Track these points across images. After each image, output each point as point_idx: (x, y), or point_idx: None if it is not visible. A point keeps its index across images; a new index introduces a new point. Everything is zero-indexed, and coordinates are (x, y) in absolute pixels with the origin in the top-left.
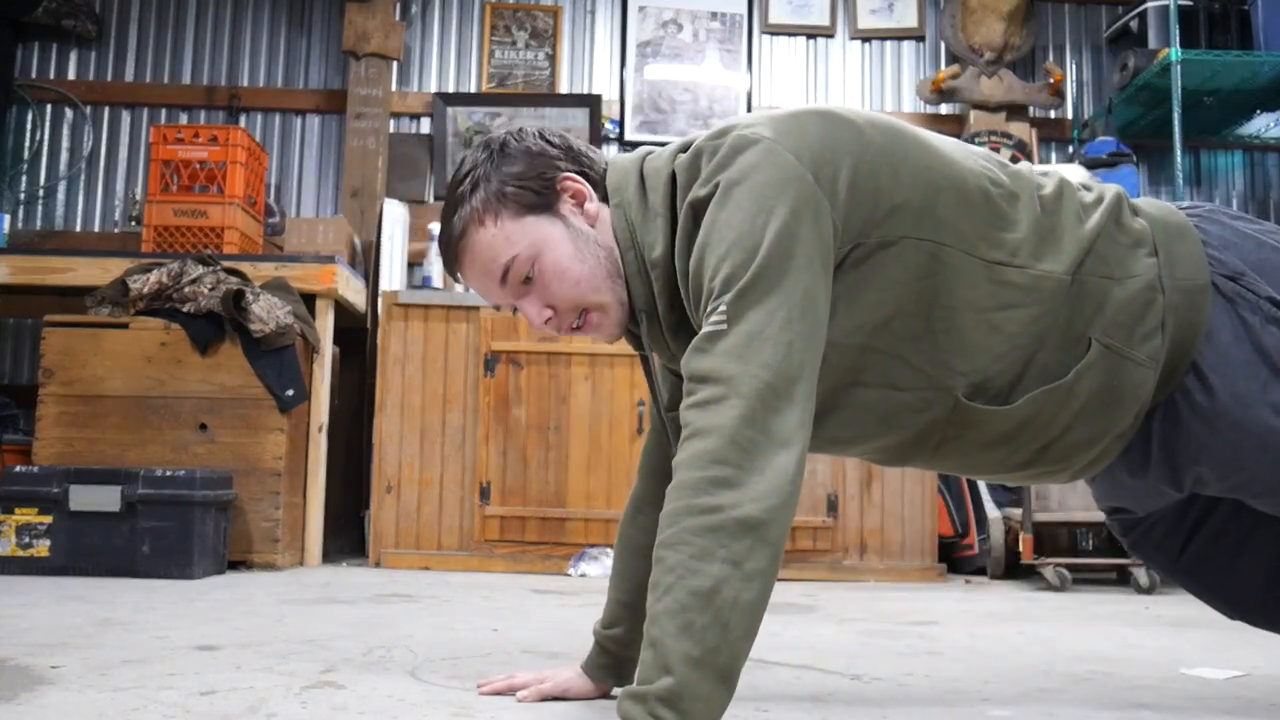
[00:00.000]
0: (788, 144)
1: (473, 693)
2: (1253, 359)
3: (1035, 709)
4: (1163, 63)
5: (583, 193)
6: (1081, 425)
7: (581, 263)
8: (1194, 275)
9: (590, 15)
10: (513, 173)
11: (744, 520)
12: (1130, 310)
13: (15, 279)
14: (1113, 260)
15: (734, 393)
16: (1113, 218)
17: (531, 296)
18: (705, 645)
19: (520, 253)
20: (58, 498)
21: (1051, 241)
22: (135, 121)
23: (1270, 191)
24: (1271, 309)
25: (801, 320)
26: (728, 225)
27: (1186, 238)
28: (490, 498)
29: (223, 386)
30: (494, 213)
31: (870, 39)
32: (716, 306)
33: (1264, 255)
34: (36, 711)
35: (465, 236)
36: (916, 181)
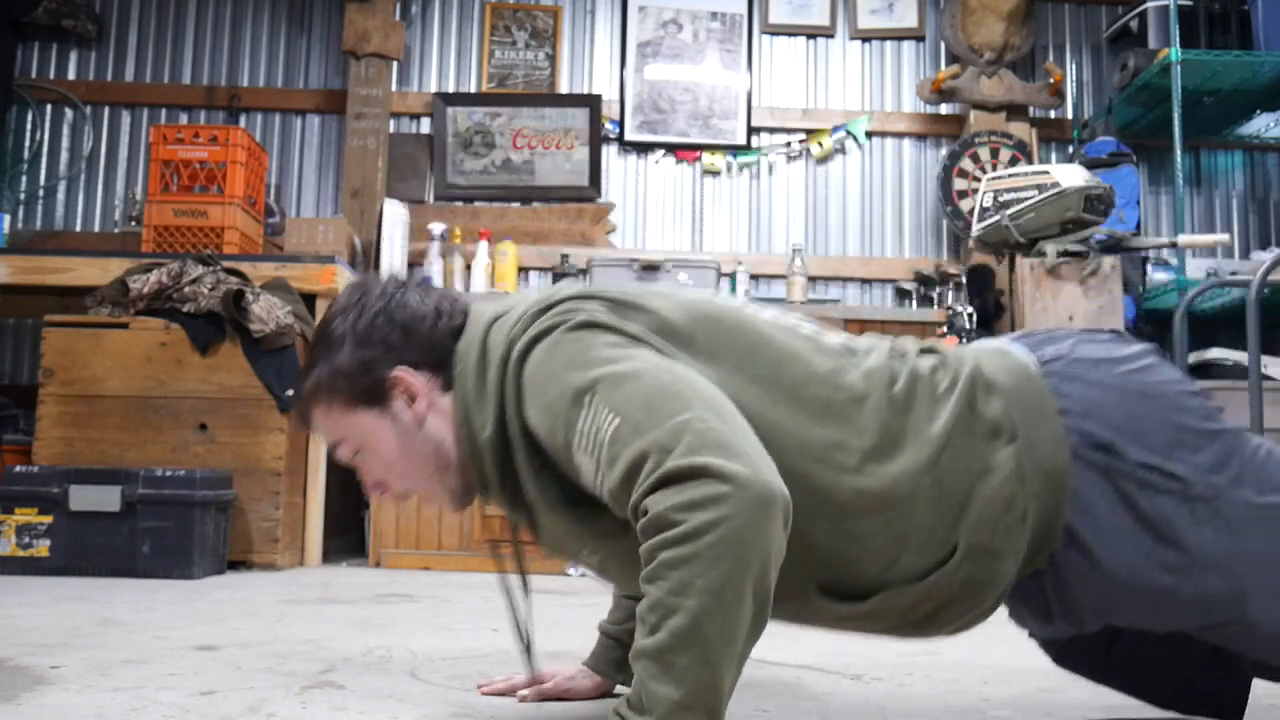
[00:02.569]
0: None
1: (473, 693)
2: (1134, 527)
3: (1035, 709)
4: (1163, 63)
5: (414, 391)
6: (941, 611)
7: (406, 459)
8: (1053, 457)
9: (590, 15)
10: (343, 367)
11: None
12: (994, 506)
13: (15, 279)
14: (971, 456)
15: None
16: (967, 408)
17: (364, 471)
18: (688, 686)
19: (346, 439)
20: (58, 498)
21: (903, 444)
22: (135, 121)
23: (1270, 191)
24: (1145, 474)
25: (680, 373)
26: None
27: (1045, 417)
28: None
29: (223, 386)
30: (326, 400)
31: (870, 39)
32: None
33: (1130, 408)
34: (36, 711)
35: (308, 408)
36: (746, 394)
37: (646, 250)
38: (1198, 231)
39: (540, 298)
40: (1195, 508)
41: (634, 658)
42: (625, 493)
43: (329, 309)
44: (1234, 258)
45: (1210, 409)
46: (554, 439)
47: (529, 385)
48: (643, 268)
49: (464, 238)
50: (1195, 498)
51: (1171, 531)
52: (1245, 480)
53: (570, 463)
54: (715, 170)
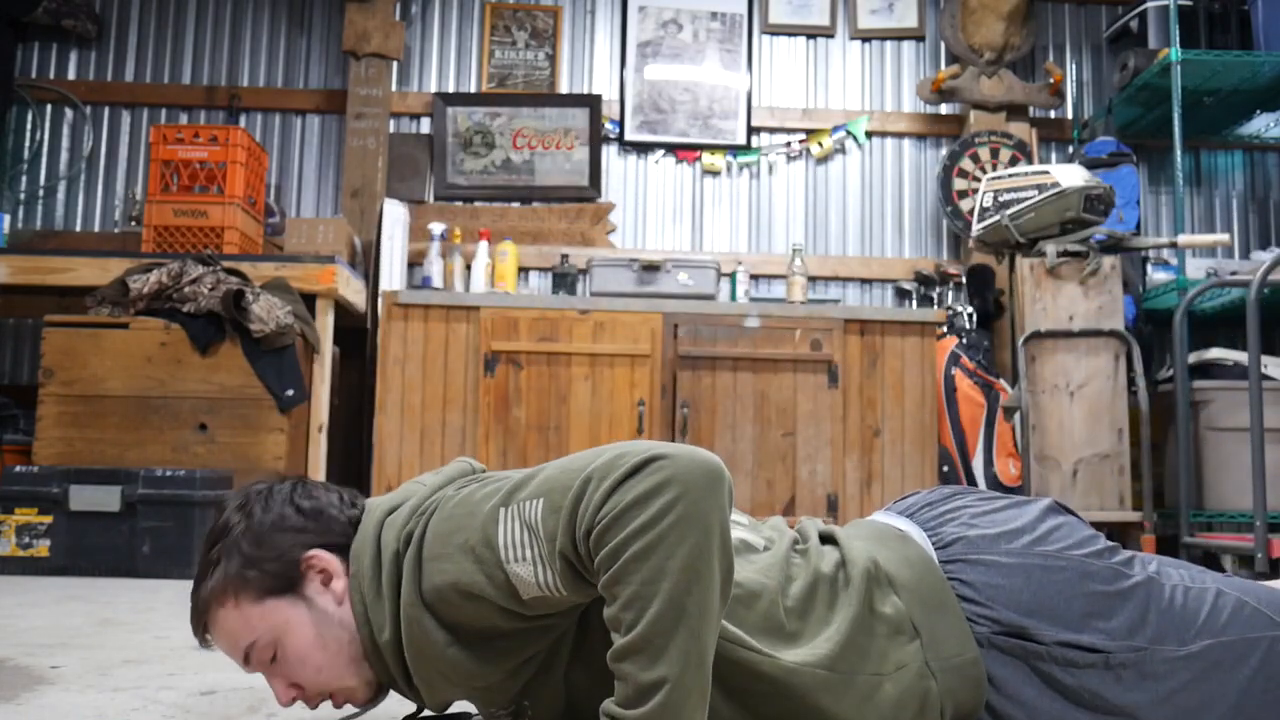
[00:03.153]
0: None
1: None
2: (1065, 706)
3: None
4: (1163, 63)
5: (329, 571)
6: None
7: (324, 649)
8: (960, 650)
9: (590, 15)
10: (252, 556)
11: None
12: (909, 707)
13: (15, 279)
14: (874, 654)
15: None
16: (866, 608)
17: (277, 676)
18: (680, 663)
19: (260, 638)
20: (58, 498)
21: (799, 640)
22: (135, 121)
23: (1270, 191)
24: (1063, 652)
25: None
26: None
27: (946, 610)
28: None
29: (223, 386)
30: (234, 594)
31: (870, 39)
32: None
33: (1036, 587)
34: (37, 711)
35: (209, 611)
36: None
37: (646, 250)
38: (1198, 231)
39: (427, 490)
40: (1121, 675)
41: (617, 659)
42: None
43: (218, 514)
44: (1234, 258)
45: (1117, 567)
46: (473, 579)
47: (428, 556)
48: (643, 268)
49: (464, 237)
50: (1119, 665)
51: (1101, 702)
52: (1166, 636)
53: (502, 589)
54: (715, 170)
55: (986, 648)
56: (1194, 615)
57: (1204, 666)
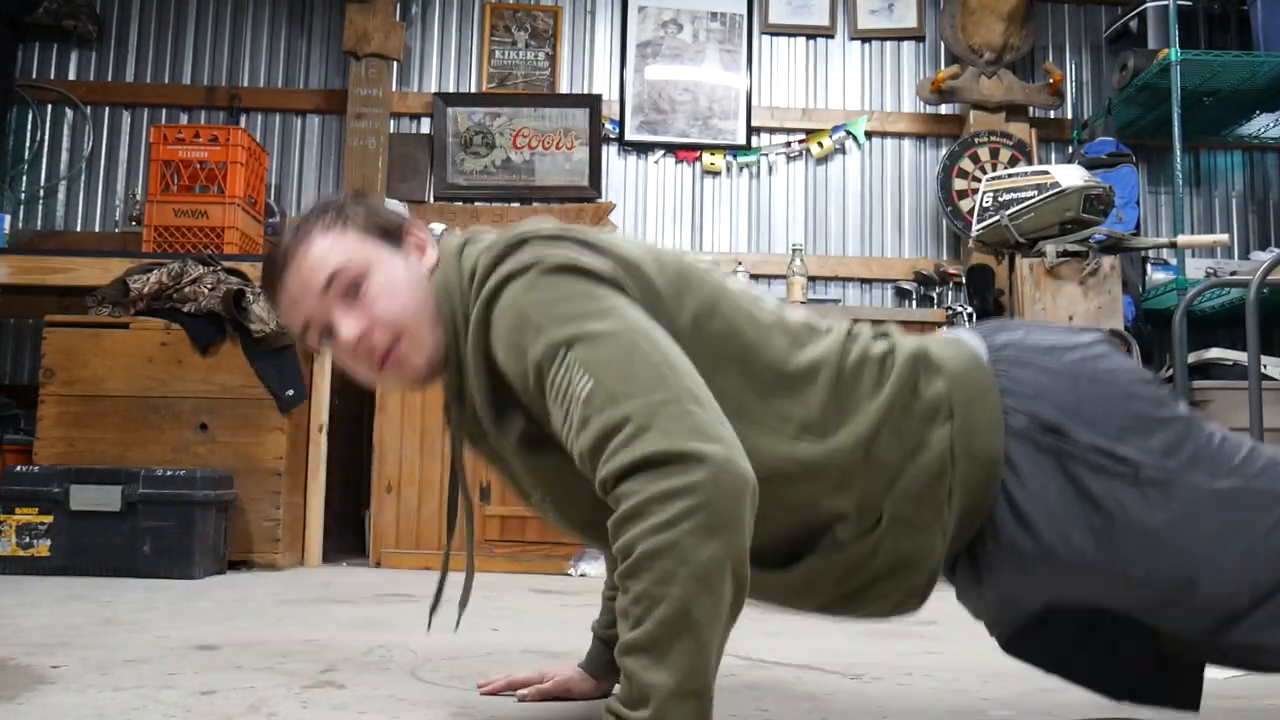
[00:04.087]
0: (584, 253)
1: (473, 693)
2: (1083, 510)
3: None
4: (1162, 63)
5: (424, 245)
6: (870, 587)
7: (411, 292)
8: (987, 445)
9: (590, 15)
10: (367, 206)
11: (698, 526)
12: (920, 483)
13: (15, 279)
14: (906, 434)
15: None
16: (908, 387)
17: (350, 311)
18: (682, 672)
19: (354, 262)
20: (58, 497)
21: (844, 417)
22: (135, 121)
23: (1270, 191)
24: (1096, 457)
25: (660, 340)
26: (532, 304)
27: (986, 401)
28: (490, 498)
29: (223, 386)
30: (339, 228)
31: (870, 39)
32: (566, 375)
33: (1080, 394)
34: (37, 711)
35: (301, 242)
36: (698, 351)
37: None
38: (1197, 231)
39: (511, 234)
40: (1146, 491)
41: (622, 653)
42: (594, 459)
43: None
44: (1233, 258)
45: (1163, 396)
46: (524, 382)
47: (499, 324)
48: None
49: None
50: (1146, 481)
51: (1123, 514)
52: (1199, 465)
53: (539, 406)
54: (715, 170)
55: (1021, 439)
56: (1229, 457)
57: (1228, 505)
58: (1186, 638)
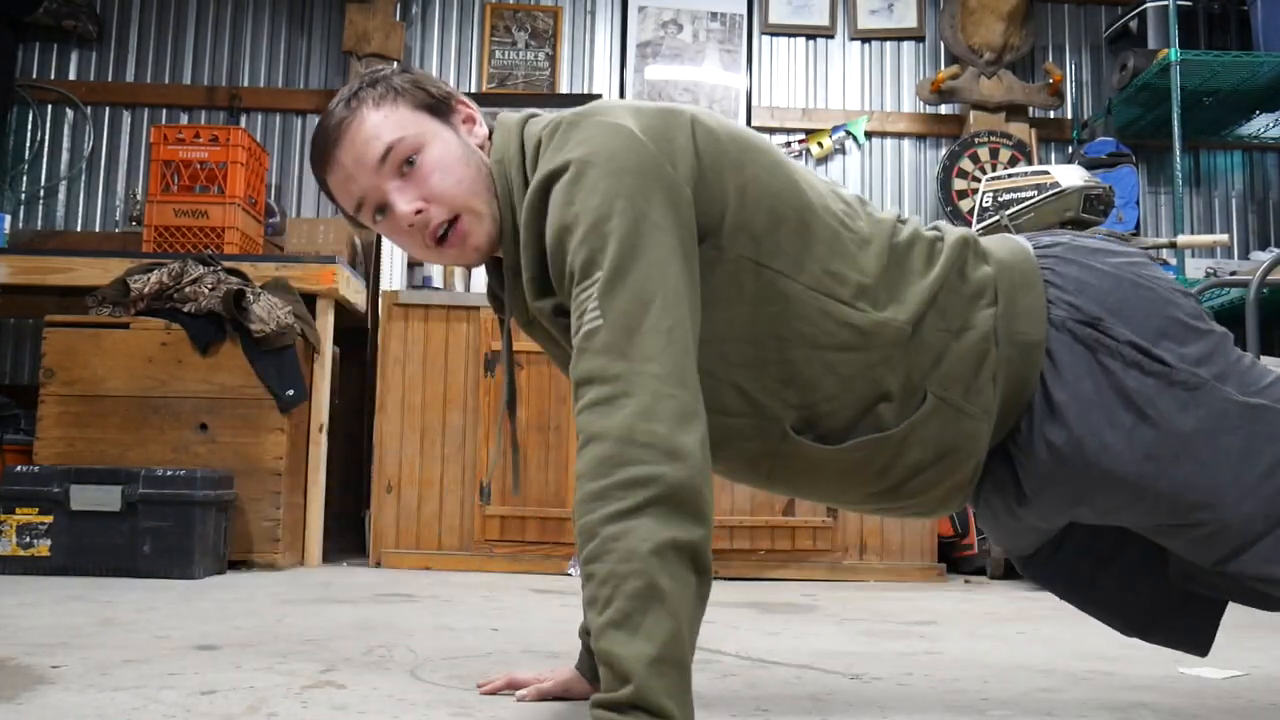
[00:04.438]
0: (647, 133)
1: (473, 693)
2: (1116, 404)
3: (1035, 709)
4: (1162, 63)
5: (474, 117)
6: (916, 475)
7: (466, 166)
8: (1030, 330)
9: (590, 15)
10: (414, 78)
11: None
12: (965, 364)
13: (16, 279)
14: (952, 313)
15: (622, 391)
16: (956, 268)
17: (406, 186)
18: (657, 640)
19: (408, 136)
20: (58, 497)
21: (895, 291)
22: (135, 121)
23: (1269, 191)
24: (1132, 353)
25: (677, 304)
26: (584, 207)
27: (1031, 289)
28: (490, 498)
29: (223, 386)
30: (390, 101)
31: (870, 39)
32: (586, 301)
33: (1122, 294)
34: (37, 711)
35: (353, 117)
36: (761, 205)
37: None
38: (1197, 231)
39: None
40: (1178, 394)
41: (597, 639)
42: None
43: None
44: (1233, 258)
45: (1201, 310)
46: (560, 273)
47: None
48: None
49: None
50: (1179, 384)
51: (1154, 412)
52: (1229, 379)
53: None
54: None
55: (1060, 330)
56: (1257, 379)
57: (1254, 421)
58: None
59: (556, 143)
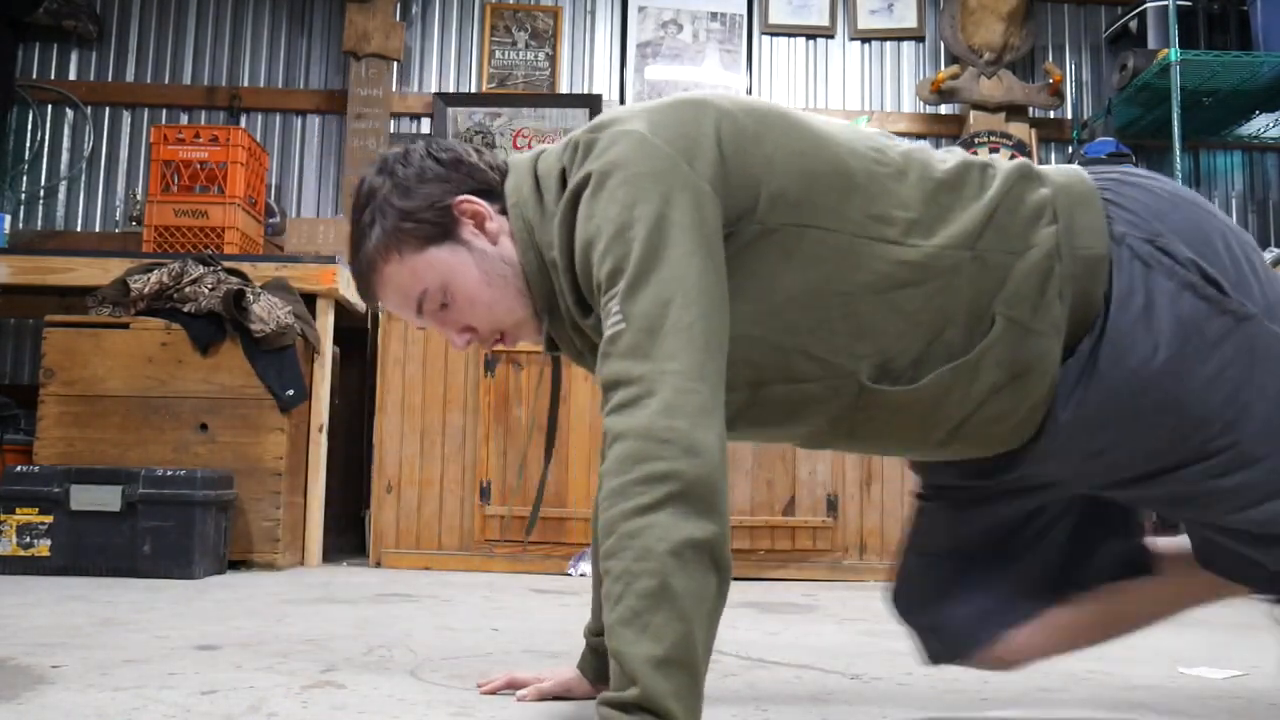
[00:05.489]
0: (661, 135)
1: (473, 693)
2: (1164, 326)
3: (1035, 709)
4: (1162, 63)
5: (481, 213)
6: (994, 399)
7: (490, 286)
8: (1093, 244)
9: (590, 15)
10: (406, 209)
11: (676, 512)
12: (1030, 282)
13: (16, 279)
14: (1013, 233)
15: (646, 391)
16: (1013, 192)
17: (448, 319)
18: (666, 641)
19: (429, 286)
20: (58, 497)
21: (947, 217)
22: (135, 121)
23: (1270, 192)
24: (1187, 274)
25: (698, 301)
26: (604, 218)
27: (1090, 206)
28: (490, 498)
29: (223, 386)
30: (396, 249)
31: (870, 39)
32: (610, 306)
33: (1181, 214)
34: (37, 711)
35: (375, 272)
36: (791, 168)
37: None
38: None
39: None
40: (1226, 322)
41: (608, 635)
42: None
43: (361, 183)
44: None
45: (1255, 247)
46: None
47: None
48: None
49: None
50: (1230, 312)
51: (1198, 338)
52: (1276, 317)
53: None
54: None
55: (1121, 245)
56: None
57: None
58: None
59: (579, 161)
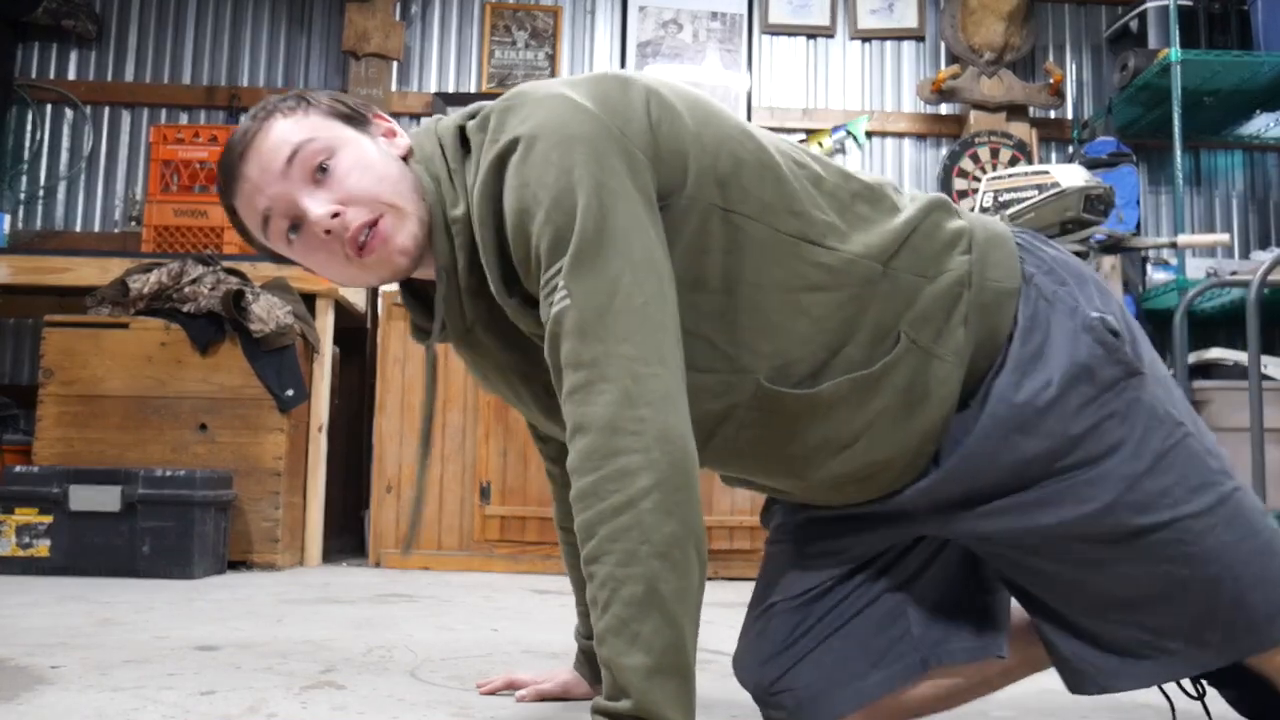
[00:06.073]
0: (590, 100)
1: (473, 692)
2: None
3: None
4: (1162, 63)
5: (394, 130)
6: (888, 424)
7: (387, 166)
8: (1004, 279)
9: (590, 15)
10: (329, 92)
11: (656, 506)
12: (937, 306)
13: (15, 279)
14: (926, 256)
15: (600, 376)
16: (930, 215)
17: (319, 191)
18: (655, 650)
19: (317, 141)
20: (58, 498)
21: (863, 227)
22: (135, 121)
23: (1270, 191)
24: (1088, 317)
25: (648, 278)
26: (540, 184)
27: (1004, 244)
28: (490, 498)
29: (223, 386)
30: (302, 110)
31: (870, 39)
32: (553, 281)
33: (1086, 273)
34: (36, 711)
35: (259, 127)
36: (720, 149)
37: None
38: (1198, 231)
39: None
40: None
41: (598, 644)
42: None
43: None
44: (1234, 258)
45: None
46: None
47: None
48: None
49: None
50: (1121, 362)
51: (1090, 382)
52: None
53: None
54: None
55: (1029, 283)
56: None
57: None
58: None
59: (494, 126)
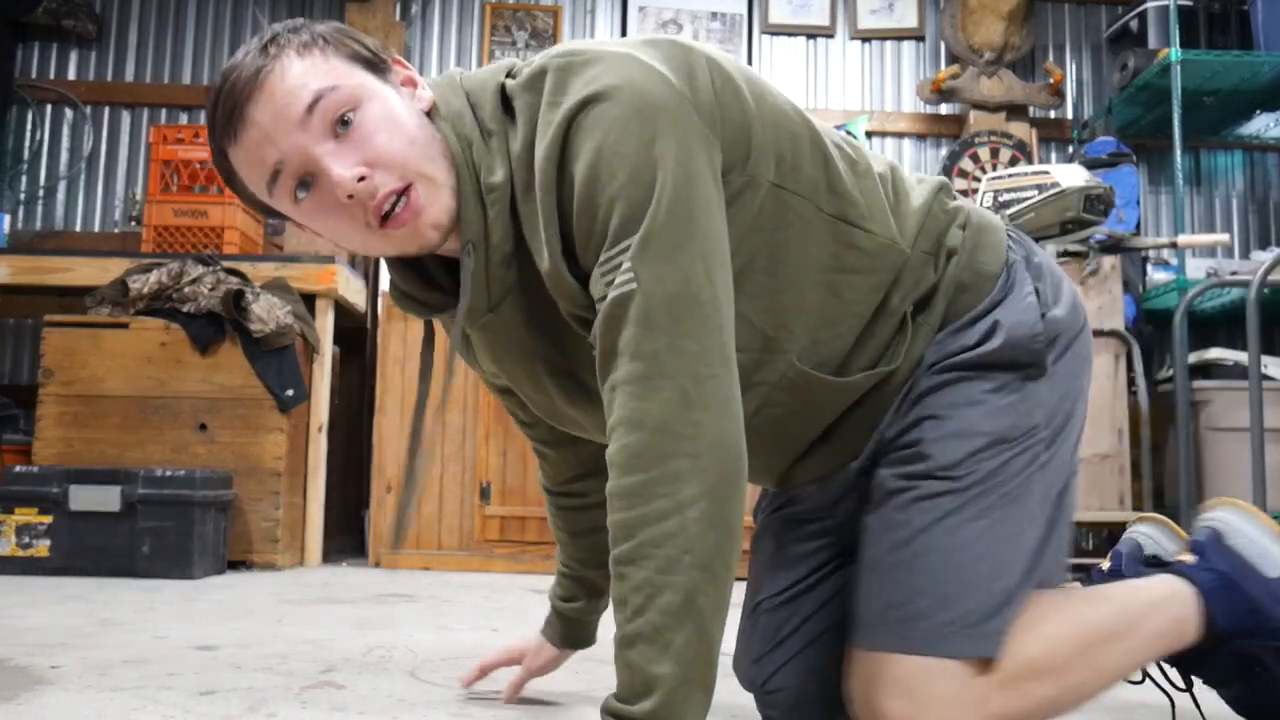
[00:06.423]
0: (667, 66)
1: (473, 693)
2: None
3: None
4: (1163, 63)
5: (415, 80)
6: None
7: (416, 125)
8: (989, 262)
9: (590, 15)
10: (339, 26)
11: (702, 515)
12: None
13: (15, 279)
14: (934, 236)
15: (660, 372)
16: (938, 195)
17: (342, 149)
18: (685, 661)
19: (342, 86)
20: (58, 498)
21: (895, 213)
22: (135, 121)
23: (1270, 191)
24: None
25: (719, 271)
26: (615, 154)
27: (997, 231)
28: (490, 498)
29: (223, 386)
30: (319, 49)
31: (870, 39)
32: (617, 260)
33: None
34: (36, 711)
35: (272, 65)
36: (779, 126)
37: None
38: (1198, 231)
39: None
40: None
41: (623, 645)
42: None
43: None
44: (1234, 258)
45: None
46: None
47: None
48: None
49: None
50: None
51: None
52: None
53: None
54: None
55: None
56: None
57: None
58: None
59: (553, 86)
